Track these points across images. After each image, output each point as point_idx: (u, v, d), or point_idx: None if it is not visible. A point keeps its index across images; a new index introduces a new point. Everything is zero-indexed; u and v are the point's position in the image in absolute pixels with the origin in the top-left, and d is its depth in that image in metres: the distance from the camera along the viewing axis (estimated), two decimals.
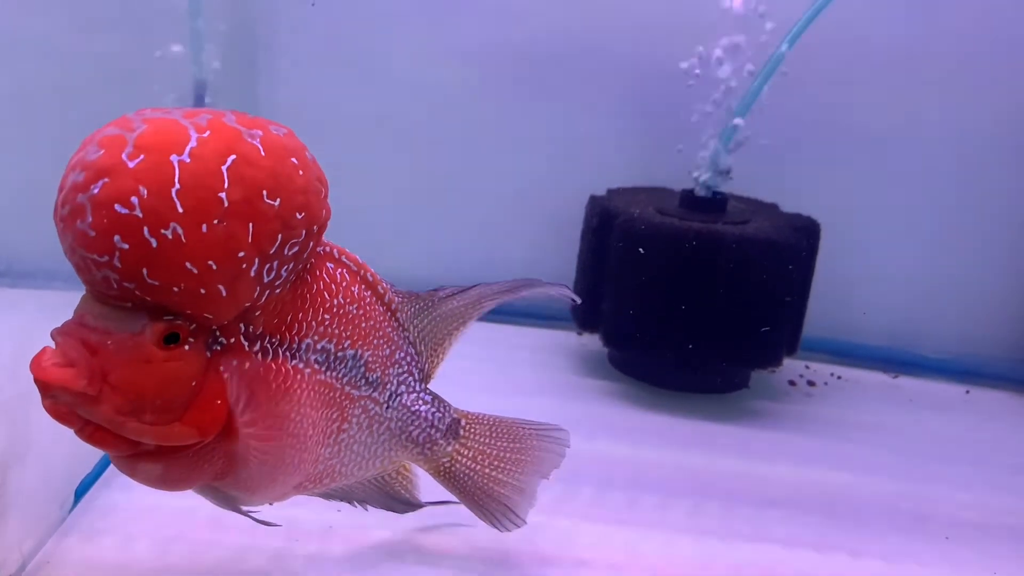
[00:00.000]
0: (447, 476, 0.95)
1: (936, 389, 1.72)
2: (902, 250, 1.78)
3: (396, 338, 0.87)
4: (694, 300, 1.43)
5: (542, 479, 0.97)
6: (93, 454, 1.10)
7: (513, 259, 1.75)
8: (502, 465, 0.96)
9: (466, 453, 0.95)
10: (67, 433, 1.02)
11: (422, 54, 1.76)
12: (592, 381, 1.59)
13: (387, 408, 0.87)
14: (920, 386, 1.72)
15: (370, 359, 0.83)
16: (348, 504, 0.95)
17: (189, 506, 1.05)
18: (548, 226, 1.78)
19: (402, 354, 0.88)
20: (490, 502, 0.96)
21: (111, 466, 1.12)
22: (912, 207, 1.77)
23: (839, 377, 1.71)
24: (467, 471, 0.95)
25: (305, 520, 1.04)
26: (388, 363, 0.86)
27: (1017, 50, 1.68)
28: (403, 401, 0.89)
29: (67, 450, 1.03)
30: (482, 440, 0.95)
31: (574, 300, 0.95)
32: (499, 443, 0.96)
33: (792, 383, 1.66)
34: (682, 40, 1.55)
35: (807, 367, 1.72)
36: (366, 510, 0.96)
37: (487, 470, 0.95)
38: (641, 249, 1.44)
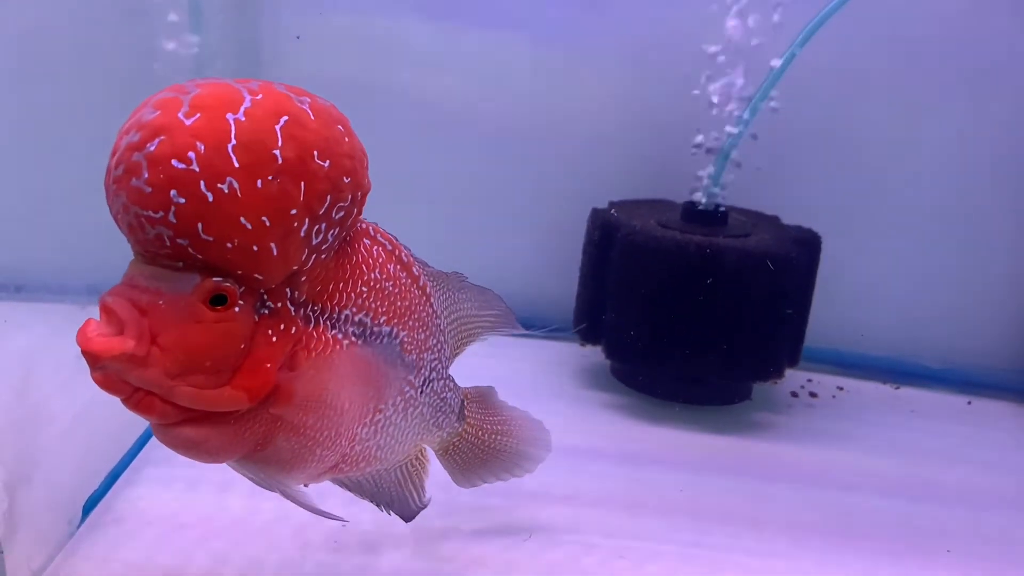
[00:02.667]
0: (451, 453, 1.01)
1: (938, 399, 1.72)
2: (903, 260, 1.79)
3: (430, 324, 0.87)
4: (695, 313, 1.44)
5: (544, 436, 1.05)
6: (100, 470, 1.12)
7: (515, 271, 1.75)
8: (498, 428, 1.03)
9: (468, 430, 1.01)
10: (74, 450, 1.03)
11: (424, 66, 1.77)
12: (594, 393, 1.59)
13: (421, 393, 0.88)
14: (922, 397, 1.73)
15: (406, 339, 0.84)
16: (375, 506, 0.96)
17: (196, 521, 1.06)
18: (550, 238, 1.79)
19: (434, 341, 0.89)
20: (497, 463, 1.03)
21: (118, 482, 1.13)
22: (913, 217, 1.77)
23: (841, 388, 1.72)
24: (468, 446, 1.01)
25: (313, 532, 1.05)
26: (423, 347, 0.87)
27: (1017, 64, 1.70)
28: (434, 388, 0.91)
29: (75, 467, 1.05)
30: (477, 416, 1.02)
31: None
32: (489, 417, 1.03)
33: (794, 394, 1.67)
34: (686, 51, 1.56)
35: (809, 379, 1.73)
36: (390, 515, 0.96)
37: (486, 437, 1.02)
38: (643, 262, 1.46)
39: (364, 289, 0.78)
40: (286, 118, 0.65)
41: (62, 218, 1.39)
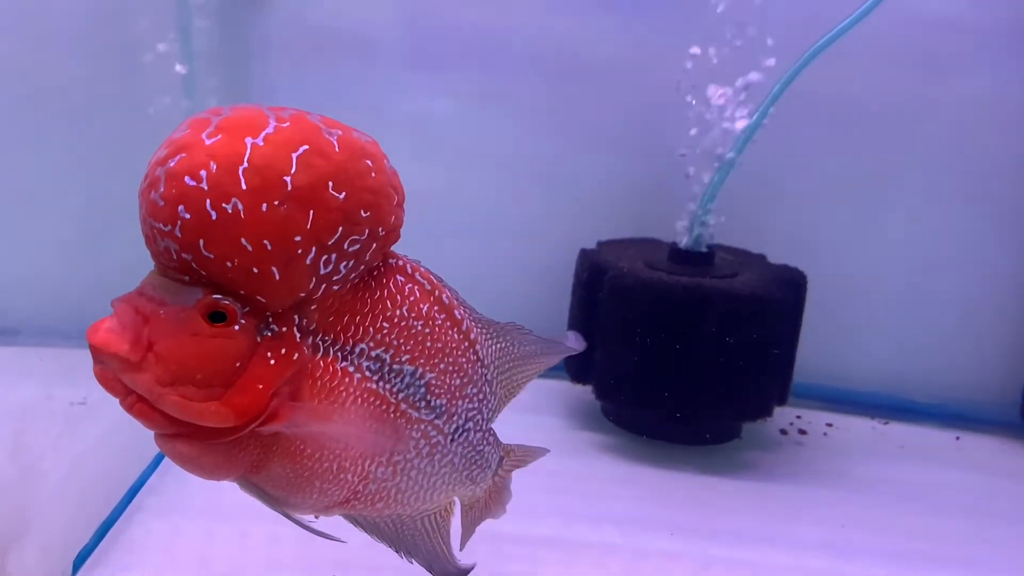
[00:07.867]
0: (470, 508, 0.96)
1: (926, 435, 1.73)
2: (891, 296, 1.81)
3: (471, 371, 0.84)
4: (683, 354, 1.45)
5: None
6: (90, 526, 1.11)
7: (505, 313, 1.76)
8: (494, 496, 0.97)
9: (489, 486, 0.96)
10: (65, 507, 1.03)
11: (414, 100, 1.79)
12: (585, 434, 1.60)
13: (451, 441, 0.85)
14: (911, 432, 1.74)
15: (433, 382, 0.81)
16: (395, 553, 0.91)
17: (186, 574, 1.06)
18: (539, 279, 1.80)
19: (474, 389, 0.85)
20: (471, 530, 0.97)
21: (107, 536, 1.13)
22: (899, 254, 1.80)
23: (831, 424, 1.73)
24: (481, 504, 0.96)
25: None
26: (458, 394, 0.83)
27: (1005, 99, 1.73)
28: (470, 438, 0.87)
29: (65, 522, 1.05)
30: (504, 472, 0.97)
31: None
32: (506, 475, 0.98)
33: (784, 432, 1.68)
34: (675, 88, 1.59)
35: (798, 416, 1.74)
36: (411, 563, 0.91)
37: (488, 501, 0.96)
38: (630, 304, 1.47)
39: (386, 325, 0.76)
40: (306, 147, 0.65)
41: (56, 266, 1.40)
